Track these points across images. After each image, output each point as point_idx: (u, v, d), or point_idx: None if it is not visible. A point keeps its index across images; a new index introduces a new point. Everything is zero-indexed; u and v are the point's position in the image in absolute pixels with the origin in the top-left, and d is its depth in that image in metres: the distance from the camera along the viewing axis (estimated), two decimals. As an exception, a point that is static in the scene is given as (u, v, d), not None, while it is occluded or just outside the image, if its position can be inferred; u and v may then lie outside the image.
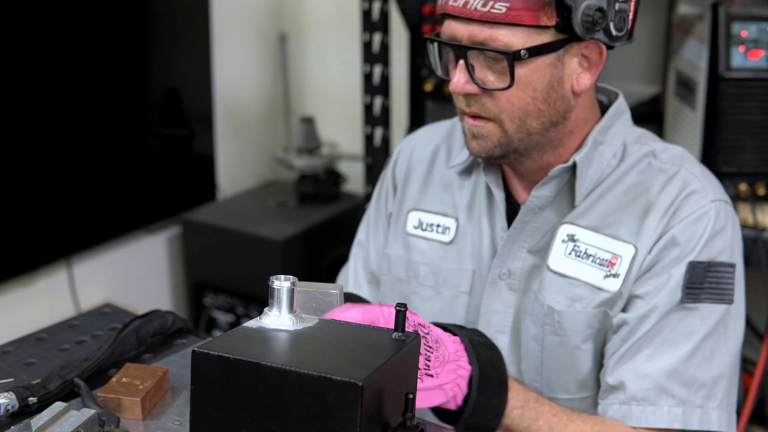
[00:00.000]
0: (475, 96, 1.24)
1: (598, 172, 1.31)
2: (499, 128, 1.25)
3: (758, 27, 1.99)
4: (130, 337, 1.33)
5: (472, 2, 1.19)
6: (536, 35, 1.19)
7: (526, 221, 1.34)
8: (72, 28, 2.52)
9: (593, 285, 1.28)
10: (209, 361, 0.89)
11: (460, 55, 1.22)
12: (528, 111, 1.24)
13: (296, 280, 0.98)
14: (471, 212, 1.40)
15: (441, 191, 1.44)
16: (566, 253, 1.31)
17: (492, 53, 1.20)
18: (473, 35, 1.21)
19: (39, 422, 1.05)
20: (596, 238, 1.29)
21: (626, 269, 1.27)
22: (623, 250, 1.27)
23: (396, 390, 0.91)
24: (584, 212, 1.31)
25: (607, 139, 1.32)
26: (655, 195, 1.28)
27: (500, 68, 1.21)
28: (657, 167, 1.31)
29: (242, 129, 3.23)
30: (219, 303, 2.92)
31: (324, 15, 3.20)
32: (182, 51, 2.93)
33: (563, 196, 1.33)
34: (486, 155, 1.28)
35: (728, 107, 2.01)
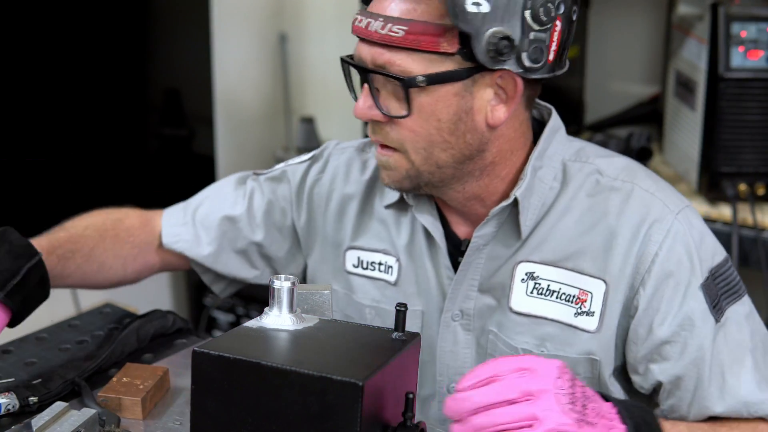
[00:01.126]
0: (380, 123, 1.17)
1: (540, 199, 1.22)
2: (405, 159, 1.18)
3: (758, 27, 1.99)
4: (131, 336, 1.33)
5: (373, 23, 1.14)
6: (438, 62, 1.11)
7: (471, 261, 1.26)
8: (72, 28, 2.52)
9: (564, 323, 1.21)
10: (209, 360, 0.89)
11: (364, 79, 1.17)
12: (433, 142, 1.16)
13: (297, 280, 0.98)
14: (411, 252, 1.32)
15: (378, 227, 1.35)
16: (527, 292, 1.23)
17: (390, 79, 1.13)
18: (374, 58, 1.15)
19: (40, 422, 1.05)
20: (557, 273, 1.21)
21: (600, 306, 1.19)
22: (592, 285, 1.19)
23: (396, 390, 0.92)
24: (538, 246, 1.23)
25: (545, 162, 1.23)
26: (615, 221, 1.19)
27: (403, 95, 1.13)
28: (607, 185, 1.22)
29: (242, 129, 3.23)
30: (219, 303, 2.92)
31: (324, 15, 3.20)
32: (182, 51, 2.93)
33: (506, 229, 1.24)
34: (396, 187, 1.22)
35: (728, 107, 2.01)
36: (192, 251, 1.44)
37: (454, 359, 1.29)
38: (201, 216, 1.44)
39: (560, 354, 1.21)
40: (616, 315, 1.19)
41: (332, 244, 1.39)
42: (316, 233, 1.41)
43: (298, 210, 1.42)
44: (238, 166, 3.23)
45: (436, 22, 1.10)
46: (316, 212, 1.41)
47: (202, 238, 1.43)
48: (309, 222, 1.41)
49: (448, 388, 1.30)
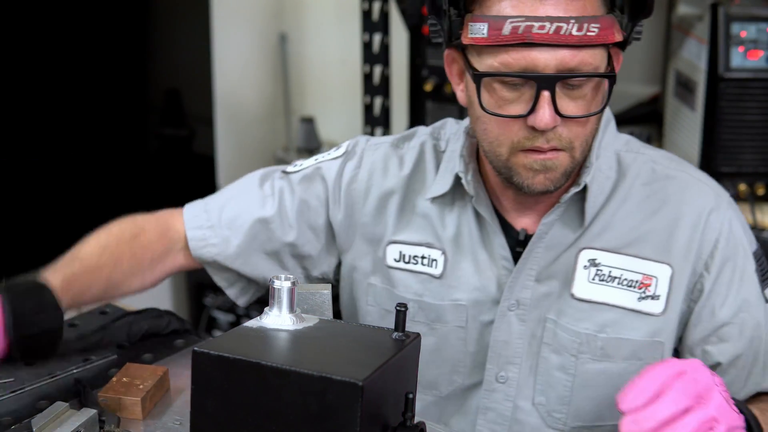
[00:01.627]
0: (553, 129, 1.15)
1: (600, 188, 1.26)
2: (569, 156, 1.18)
3: (757, 27, 1.99)
4: (122, 329, 1.32)
5: (566, 27, 1.09)
6: (605, 53, 1.15)
7: (532, 249, 1.28)
8: (72, 28, 2.52)
9: (626, 308, 1.25)
10: (209, 360, 0.89)
11: (547, 87, 1.11)
12: (593, 133, 1.20)
13: (297, 280, 0.98)
14: (459, 245, 1.32)
15: (421, 221, 1.35)
16: (590, 279, 1.26)
17: (578, 79, 1.12)
18: (563, 62, 1.11)
19: (39, 422, 1.05)
20: (619, 259, 1.25)
21: (666, 290, 1.24)
22: (656, 270, 1.24)
23: (396, 390, 0.92)
24: (599, 234, 1.26)
25: (601, 153, 1.27)
26: (676, 207, 1.26)
27: (579, 93, 1.14)
28: (662, 174, 1.28)
29: (242, 129, 3.24)
30: (219, 303, 2.92)
31: (324, 15, 3.20)
32: (182, 51, 2.93)
33: (566, 217, 1.27)
34: (553, 188, 1.20)
35: (727, 107, 2.01)
36: (221, 256, 1.42)
37: (506, 349, 1.30)
38: (228, 218, 1.41)
39: (622, 337, 1.25)
40: (680, 299, 1.24)
41: (371, 239, 1.38)
42: (355, 229, 1.39)
43: (334, 207, 1.39)
44: (238, 166, 3.22)
45: (608, 13, 1.14)
46: (354, 208, 1.39)
47: (231, 241, 1.40)
48: (347, 218, 1.39)
49: (497, 378, 1.31)
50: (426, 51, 2.41)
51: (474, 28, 1.14)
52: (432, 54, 2.40)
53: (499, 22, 1.11)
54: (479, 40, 1.13)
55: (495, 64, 1.13)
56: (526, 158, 1.17)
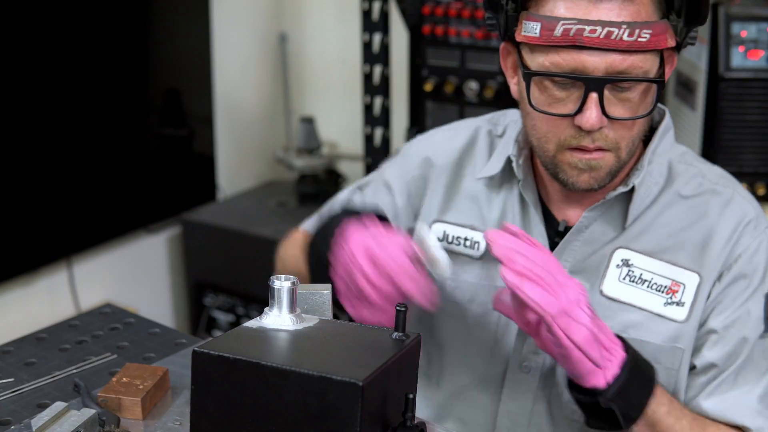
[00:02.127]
0: (599, 130, 1.17)
1: (647, 192, 1.27)
2: (614, 157, 1.20)
3: (758, 27, 1.99)
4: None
5: (618, 32, 1.11)
6: (657, 58, 1.16)
7: (570, 240, 1.29)
8: (72, 28, 2.52)
9: (652, 312, 1.26)
10: (209, 361, 0.89)
11: (595, 89, 1.14)
12: (640, 133, 1.22)
13: (297, 280, 0.98)
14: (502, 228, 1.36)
15: (468, 202, 1.38)
16: (620, 278, 1.27)
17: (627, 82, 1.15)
18: (613, 66, 1.13)
19: (39, 422, 1.05)
20: (652, 263, 1.26)
21: (692, 298, 1.25)
22: (686, 277, 1.25)
23: (396, 390, 0.92)
24: (638, 236, 1.27)
25: (655, 159, 1.29)
26: (715, 220, 1.26)
27: (627, 96, 1.16)
28: (709, 188, 1.29)
29: (242, 129, 3.23)
30: (219, 303, 2.92)
31: (324, 15, 3.20)
32: (182, 51, 2.93)
33: (609, 216, 1.29)
34: (598, 186, 1.22)
35: (728, 107, 2.01)
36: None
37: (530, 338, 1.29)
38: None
39: (643, 339, 1.25)
40: (701, 308, 1.25)
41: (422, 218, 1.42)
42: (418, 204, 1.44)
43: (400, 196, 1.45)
44: (238, 166, 3.23)
45: (661, 19, 1.15)
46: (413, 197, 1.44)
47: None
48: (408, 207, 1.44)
49: (521, 367, 1.32)
50: (426, 51, 2.41)
51: (527, 27, 1.16)
52: (432, 54, 2.40)
53: (551, 23, 1.13)
54: (531, 38, 1.16)
55: (546, 63, 1.16)
56: (572, 156, 1.20)
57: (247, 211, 2.98)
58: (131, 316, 1.47)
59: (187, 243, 2.97)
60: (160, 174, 2.90)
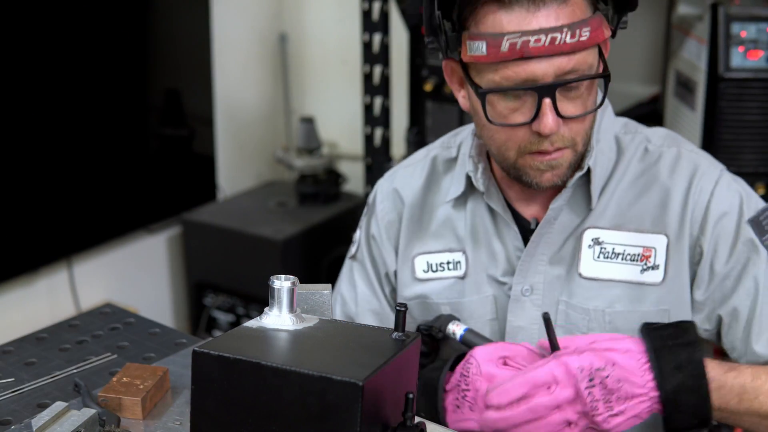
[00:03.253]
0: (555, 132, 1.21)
1: (603, 170, 1.31)
2: (572, 152, 1.24)
3: (757, 27, 1.99)
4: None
5: (560, 37, 1.14)
6: (596, 50, 1.20)
7: (543, 233, 1.32)
8: (73, 29, 2.52)
9: (631, 281, 1.29)
10: (209, 361, 0.89)
11: (547, 95, 1.17)
12: (592, 124, 1.26)
13: (296, 280, 0.98)
14: (476, 240, 1.38)
15: (441, 228, 1.41)
16: (594, 257, 1.31)
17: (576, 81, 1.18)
18: (560, 69, 1.16)
19: (39, 422, 1.05)
20: (619, 236, 1.30)
21: (664, 258, 1.28)
22: (654, 241, 1.29)
23: (396, 390, 0.92)
24: (601, 213, 1.31)
25: (602, 136, 1.33)
26: (668, 180, 1.31)
27: (576, 93, 1.20)
28: (656, 152, 1.33)
29: (242, 129, 3.24)
30: (219, 303, 2.92)
31: (324, 15, 3.20)
32: (182, 51, 2.93)
33: (573, 201, 1.32)
34: (560, 182, 1.27)
35: (727, 107, 2.01)
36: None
37: (521, 334, 1.34)
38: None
39: (632, 310, 1.28)
40: (684, 266, 1.28)
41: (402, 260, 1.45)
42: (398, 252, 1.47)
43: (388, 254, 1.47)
44: (238, 166, 3.23)
45: (594, 13, 1.19)
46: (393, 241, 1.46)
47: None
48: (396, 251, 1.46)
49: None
50: (426, 51, 2.41)
51: (472, 46, 1.18)
52: (432, 54, 2.40)
53: (497, 40, 1.15)
54: (479, 57, 1.18)
55: (496, 79, 1.18)
56: (533, 160, 1.23)
57: (247, 211, 2.98)
58: (131, 316, 1.47)
59: (187, 243, 2.98)
60: (160, 174, 2.90)
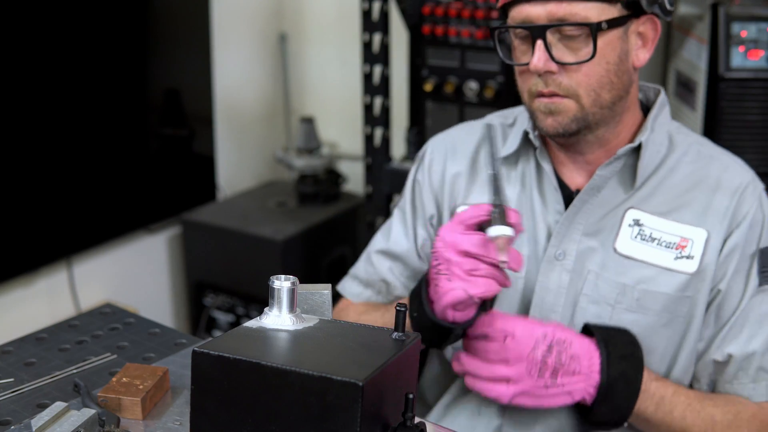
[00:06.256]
0: (552, 75, 1.30)
1: (653, 157, 1.38)
2: (575, 104, 1.31)
3: (758, 27, 1.99)
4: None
5: None
6: (608, 9, 1.27)
7: (584, 200, 1.38)
8: (72, 28, 2.52)
9: (663, 267, 1.35)
10: (209, 361, 0.89)
11: (539, 35, 1.28)
12: (602, 83, 1.30)
13: (296, 280, 0.98)
14: (522, 200, 1.44)
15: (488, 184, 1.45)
16: (632, 236, 1.37)
17: (570, 29, 1.27)
18: (552, 13, 1.27)
19: (39, 422, 1.05)
20: (661, 222, 1.36)
21: (701, 251, 1.35)
22: (693, 233, 1.36)
23: (396, 390, 0.92)
24: (647, 198, 1.38)
25: (656, 128, 1.39)
26: (715, 183, 1.38)
27: (575, 44, 1.28)
28: (707, 154, 1.41)
29: (242, 129, 3.23)
30: (219, 303, 2.92)
31: (324, 15, 3.20)
32: (182, 51, 2.93)
33: (619, 178, 1.39)
34: (563, 131, 1.33)
35: (728, 107, 2.01)
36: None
37: (549, 297, 1.39)
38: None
39: (656, 290, 1.35)
40: (714, 259, 1.35)
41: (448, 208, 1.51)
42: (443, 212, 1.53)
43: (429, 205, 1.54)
44: (238, 166, 3.23)
45: None
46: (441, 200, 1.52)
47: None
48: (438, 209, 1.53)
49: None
50: (426, 51, 2.41)
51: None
52: (432, 54, 2.40)
53: None
54: (500, 2, 1.34)
55: (508, 21, 1.33)
56: (538, 102, 1.33)
57: (247, 211, 2.98)
58: (131, 316, 1.47)
59: (187, 243, 2.97)
60: (160, 174, 2.89)
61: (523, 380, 1.26)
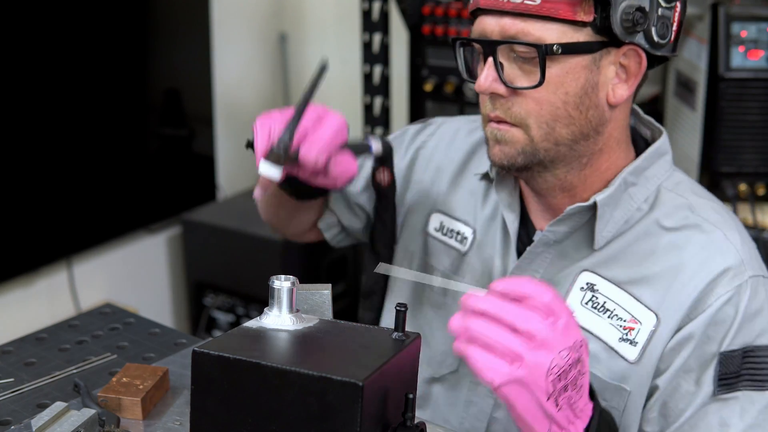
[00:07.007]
0: (501, 98, 1.15)
1: (625, 215, 1.19)
2: (524, 134, 1.15)
3: (758, 27, 1.99)
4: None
5: None
6: (572, 32, 1.11)
7: (537, 252, 1.23)
8: (72, 28, 2.52)
9: (607, 344, 1.17)
10: (209, 361, 0.89)
11: (489, 52, 1.14)
12: (557, 116, 1.14)
13: (296, 280, 0.98)
14: (489, 228, 1.31)
15: (467, 197, 1.35)
16: (583, 301, 1.19)
17: (523, 49, 1.12)
18: (504, 29, 1.12)
19: (39, 422, 1.05)
20: (617, 293, 1.18)
21: (645, 339, 1.15)
22: (644, 316, 1.16)
23: (396, 390, 0.92)
24: (608, 262, 1.19)
25: (641, 181, 1.21)
26: (688, 257, 1.16)
27: (530, 67, 1.13)
28: (693, 222, 1.18)
29: (242, 129, 3.23)
30: (219, 303, 2.92)
31: (324, 15, 3.20)
32: (182, 51, 2.93)
33: (582, 233, 1.22)
34: (508, 164, 1.17)
35: (728, 107, 2.01)
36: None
37: None
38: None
39: (594, 373, 1.15)
40: (657, 354, 1.15)
41: (421, 204, 1.40)
42: (412, 187, 1.42)
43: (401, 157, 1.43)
44: (238, 166, 3.23)
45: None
46: (415, 168, 1.42)
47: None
48: (407, 171, 1.42)
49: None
50: (426, 51, 2.41)
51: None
52: (432, 54, 2.40)
53: None
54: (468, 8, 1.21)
55: (471, 31, 1.19)
56: (487, 127, 1.19)
57: (247, 211, 2.98)
58: (131, 316, 1.47)
59: (187, 243, 2.97)
60: (160, 174, 2.89)
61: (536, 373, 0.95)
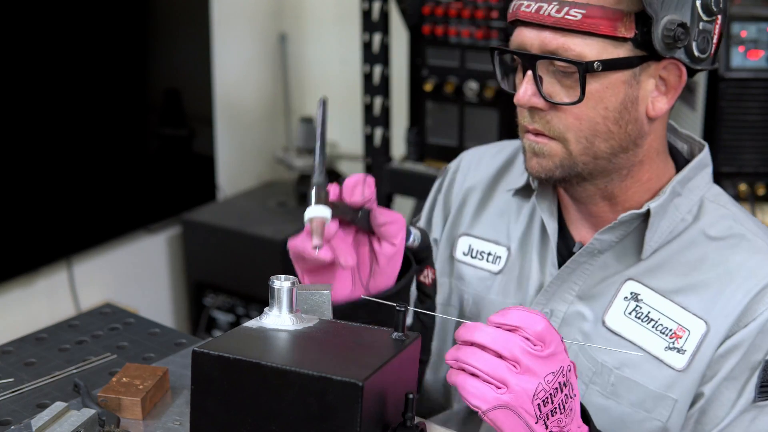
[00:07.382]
0: (540, 111, 1.15)
1: (670, 225, 1.20)
2: (563, 148, 1.15)
3: (758, 27, 1.99)
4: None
5: (546, 7, 1.10)
6: (612, 48, 1.10)
7: (580, 262, 1.22)
8: (72, 28, 2.52)
9: (650, 353, 1.17)
10: (209, 361, 0.89)
11: (528, 65, 1.13)
12: (597, 131, 1.14)
13: (296, 280, 0.98)
14: (524, 243, 1.30)
15: (496, 218, 1.34)
16: (626, 311, 1.19)
17: (563, 64, 1.11)
18: (545, 44, 1.12)
19: (39, 422, 1.05)
20: (663, 303, 1.18)
21: (694, 347, 1.15)
22: (692, 324, 1.16)
23: (396, 390, 0.92)
24: (653, 271, 1.19)
25: (685, 192, 1.21)
26: (735, 266, 1.17)
27: (570, 82, 1.12)
28: (739, 233, 1.19)
29: (242, 129, 3.23)
30: (219, 303, 2.92)
31: (324, 15, 3.20)
32: (182, 51, 2.93)
33: (627, 243, 1.21)
34: (546, 176, 1.17)
35: (728, 107, 2.01)
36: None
37: None
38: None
39: (636, 381, 1.17)
40: (707, 360, 1.16)
41: (448, 233, 1.38)
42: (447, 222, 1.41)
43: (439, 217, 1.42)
44: (238, 166, 3.23)
45: (614, 6, 1.09)
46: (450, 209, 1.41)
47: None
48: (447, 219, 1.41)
49: None
50: (426, 51, 2.41)
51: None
52: (432, 54, 2.40)
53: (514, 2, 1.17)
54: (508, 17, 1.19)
55: (510, 41, 1.18)
56: (525, 139, 1.19)
57: (247, 211, 2.98)
58: (131, 316, 1.47)
59: (187, 243, 2.97)
60: (160, 174, 2.89)
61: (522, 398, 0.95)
